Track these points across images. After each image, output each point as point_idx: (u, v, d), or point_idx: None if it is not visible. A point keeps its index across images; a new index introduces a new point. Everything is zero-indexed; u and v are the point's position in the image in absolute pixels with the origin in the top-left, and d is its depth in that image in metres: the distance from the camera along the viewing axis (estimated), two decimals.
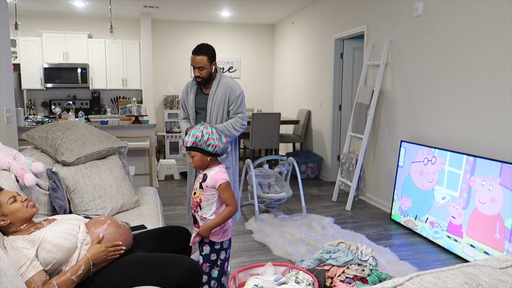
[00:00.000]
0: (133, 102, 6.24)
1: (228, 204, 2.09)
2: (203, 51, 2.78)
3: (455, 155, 3.34)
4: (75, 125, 2.87)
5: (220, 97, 2.88)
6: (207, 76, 2.85)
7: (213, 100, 2.89)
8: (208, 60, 2.80)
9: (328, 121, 5.95)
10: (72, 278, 1.65)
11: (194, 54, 2.80)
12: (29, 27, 7.36)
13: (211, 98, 2.89)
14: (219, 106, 2.89)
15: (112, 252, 1.79)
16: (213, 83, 2.90)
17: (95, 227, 1.84)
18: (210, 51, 2.80)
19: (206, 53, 2.78)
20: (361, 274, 2.24)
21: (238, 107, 2.89)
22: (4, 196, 1.69)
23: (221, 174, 2.08)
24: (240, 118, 2.89)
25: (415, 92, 4.04)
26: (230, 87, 2.88)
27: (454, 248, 3.28)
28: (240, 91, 2.90)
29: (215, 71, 2.91)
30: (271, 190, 4.34)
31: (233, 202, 2.08)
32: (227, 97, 2.88)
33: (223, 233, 2.16)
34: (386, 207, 4.52)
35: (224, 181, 2.06)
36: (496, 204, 2.91)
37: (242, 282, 1.99)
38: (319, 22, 6.24)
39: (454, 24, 3.52)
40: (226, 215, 2.08)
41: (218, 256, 2.17)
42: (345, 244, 2.50)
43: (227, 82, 2.90)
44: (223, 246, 2.17)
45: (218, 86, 2.89)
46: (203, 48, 2.79)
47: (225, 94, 2.88)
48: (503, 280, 0.88)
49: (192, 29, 8.13)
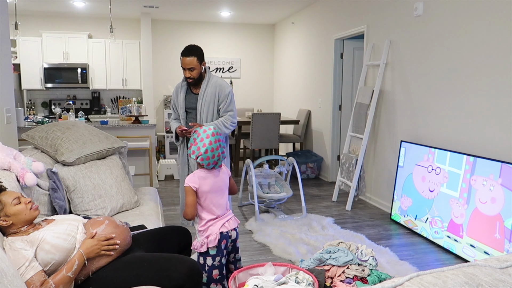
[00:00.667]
0: (133, 102, 6.25)
1: (184, 208, 2.14)
2: (192, 52, 2.85)
3: (455, 155, 3.34)
4: (75, 125, 2.87)
5: (210, 96, 2.95)
6: (198, 77, 2.93)
7: (203, 99, 2.96)
8: (198, 61, 2.87)
9: (328, 121, 5.95)
10: (68, 274, 1.65)
11: (183, 56, 2.86)
12: (29, 27, 7.36)
13: (201, 97, 2.96)
14: (209, 105, 2.96)
15: (105, 245, 1.78)
16: (203, 83, 2.97)
17: (93, 228, 1.83)
18: (198, 52, 2.87)
19: (195, 54, 2.85)
20: (361, 274, 2.24)
21: (228, 105, 2.96)
22: (8, 197, 1.69)
23: (189, 177, 2.12)
24: (230, 116, 2.95)
25: (415, 92, 4.04)
26: (219, 86, 2.95)
27: (454, 248, 3.28)
28: (229, 90, 2.97)
29: (204, 71, 2.99)
30: (271, 190, 4.34)
31: (187, 210, 2.10)
32: (216, 95, 2.95)
33: (206, 241, 2.12)
34: (386, 207, 4.52)
35: (186, 184, 2.11)
36: (497, 204, 2.91)
37: (242, 282, 1.99)
38: (319, 22, 6.24)
39: (454, 24, 3.52)
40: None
41: (205, 261, 2.14)
42: (345, 244, 2.50)
43: (216, 81, 2.97)
44: (209, 253, 2.13)
45: (207, 85, 2.96)
46: (192, 50, 2.86)
47: (214, 93, 2.95)
48: (503, 280, 0.88)
49: (192, 29, 8.13)
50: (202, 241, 2.13)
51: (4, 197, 1.68)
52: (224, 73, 8.39)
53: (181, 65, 2.95)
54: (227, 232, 2.17)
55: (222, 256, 2.16)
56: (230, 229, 2.18)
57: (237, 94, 8.54)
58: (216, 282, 2.15)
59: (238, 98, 8.55)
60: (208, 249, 2.12)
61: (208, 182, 2.12)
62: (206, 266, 2.14)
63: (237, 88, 8.53)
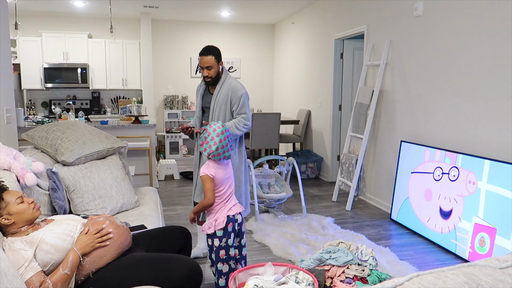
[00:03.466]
0: (133, 102, 6.25)
1: (204, 195, 2.27)
2: (210, 52, 2.90)
3: (455, 155, 3.34)
4: (75, 125, 2.87)
5: (223, 98, 2.97)
6: (215, 76, 2.97)
7: (216, 100, 2.99)
8: (215, 60, 2.92)
9: (328, 121, 5.95)
10: (65, 272, 1.65)
11: (201, 55, 2.91)
12: (29, 27, 7.36)
13: (215, 98, 2.99)
14: (221, 106, 2.98)
15: (98, 237, 1.78)
16: (218, 84, 3.00)
17: (93, 228, 1.83)
18: (216, 51, 2.94)
19: (213, 53, 2.91)
20: (361, 274, 2.24)
21: (241, 108, 2.97)
22: (12, 196, 1.70)
23: (205, 167, 2.29)
24: (243, 118, 2.96)
25: (415, 92, 4.04)
26: (232, 88, 2.97)
27: (454, 248, 3.28)
28: (242, 92, 2.97)
29: (221, 71, 3.03)
30: (271, 190, 4.34)
31: (208, 195, 2.25)
32: (229, 98, 2.97)
33: (214, 223, 2.29)
34: (386, 207, 4.52)
35: (203, 174, 2.27)
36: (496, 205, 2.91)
37: (242, 282, 1.99)
38: (319, 22, 6.24)
39: (454, 24, 3.52)
40: (200, 204, 2.29)
41: (213, 242, 2.31)
42: (345, 244, 2.49)
43: (230, 83, 2.99)
44: (216, 234, 2.29)
45: (222, 86, 2.99)
46: (210, 49, 2.92)
47: (227, 95, 2.97)
48: (503, 280, 0.88)
49: (192, 29, 8.13)
50: (210, 224, 2.30)
51: (7, 196, 1.69)
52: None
53: (198, 65, 2.99)
54: (233, 216, 2.34)
55: (229, 237, 2.32)
56: (236, 213, 2.36)
57: None
58: (223, 261, 2.32)
59: None
60: (216, 231, 2.28)
61: (220, 172, 2.33)
62: (214, 247, 2.31)
63: None
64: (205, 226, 2.32)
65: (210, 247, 2.34)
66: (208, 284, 2.76)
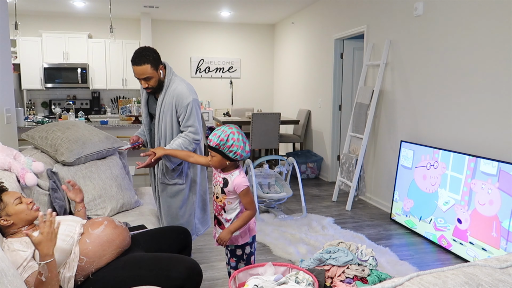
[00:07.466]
0: (133, 102, 6.23)
1: (247, 208, 2.12)
2: (143, 59, 2.37)
3: (456, 155, 3.34)
4: (75, 125, 2.87)
5: (167, 106, 2.50)
6: (157, 84, 2.49)
7: (161, 109, 2.52)
8: (153, 68, 2.41)
9: (328, 121, 5.95)
10: (41, 278, 1.52)
11: (134, 65, 2.39)
12: (29, 27, 7.35)
13: (159, 107, 2.52)
14: (166, 115, 2.51)
15: (45, 226, 1.51)
16: (162, 89, 2.52)
17: (92, 228, 1.83)
18: (151, 56, 2.41)
19: (148, 60, 2.38)
20: (361, 274, 2.24)
21: (187, 119, 2.48)
22: (10, 197, 1.70)
23: (242, 179, 2.08)
24: (191, 133, 2.48)
25: (415, 92, 4.04)
26: (177, 95, 2.47)
27: (457, 250, 3.28)
28: (189, 101, 2.46)
29: (163, 76, 2.51)
30: (271, 190, 4.34)
31: (252, 207, 2.12)
32: (174, 106, 2.49)
33: (249, 232, 2.22)
34: (386, 207, 4.52)
35: (245, 187, 2.07)
36: (494, 206, 2.92)
37: (242, 282, 1.99)
38: (319, 22, 6.24)
39: (454, 24, 3.52)
40: (245, 218, 2.12)
41: (244, 251, 2.23)
42: (345, 244, 2.49)
43: (175, 88, 2.49)
44: (248, 241, 2.23)
45: (166, 93, 2.51)
46: (143, 56, 2.38)
47: (171, 103, 2.49)
48: (503, 280, 0.88)
49: (192, 29, 8.13)
50: (244, 232, 2.18)
51: (6, 197, 1.69)
52: (224, 73, 8.39)
53: (134, 75, 2.46)
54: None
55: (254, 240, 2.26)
56: None
57: (237, 94, 8.54)
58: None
59: (238, 98, 8.55)
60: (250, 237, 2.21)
61: None
62: (245, 254, 2.22)
63: (237, 88, 8.53)
64: (238, 238, 2.16)
65: (239, 257, 2.22)
66: (208, 284, 2.76)
